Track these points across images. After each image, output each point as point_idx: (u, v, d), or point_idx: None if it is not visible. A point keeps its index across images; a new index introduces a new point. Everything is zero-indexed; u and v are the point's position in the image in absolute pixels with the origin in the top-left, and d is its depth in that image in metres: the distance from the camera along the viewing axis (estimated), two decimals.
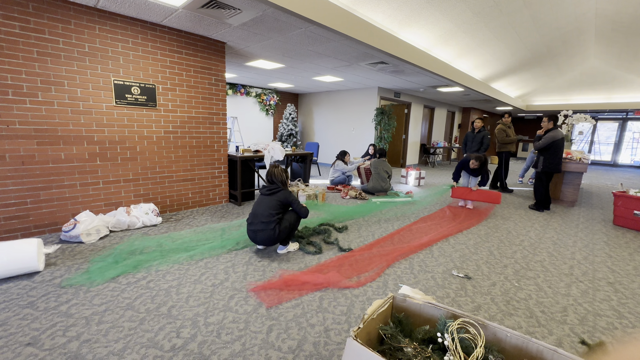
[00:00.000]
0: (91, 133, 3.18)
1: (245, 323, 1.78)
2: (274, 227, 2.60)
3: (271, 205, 2.66)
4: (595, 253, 3.05)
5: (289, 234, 2.74)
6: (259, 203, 2.72)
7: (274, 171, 2.83)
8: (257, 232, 2.62)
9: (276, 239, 2.64)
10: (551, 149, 4.45)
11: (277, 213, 2.65)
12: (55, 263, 2.44)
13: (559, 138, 4.43)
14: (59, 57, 2.90)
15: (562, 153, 4.50)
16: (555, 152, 4.45)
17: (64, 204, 3.09)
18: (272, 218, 2.61)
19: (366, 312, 1.23)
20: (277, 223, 2.63)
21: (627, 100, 10.28)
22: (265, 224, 2.60)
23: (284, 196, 2.73)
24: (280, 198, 2.71)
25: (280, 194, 2.73)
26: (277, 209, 2.67)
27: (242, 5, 2.88)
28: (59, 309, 1.85)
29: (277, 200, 2.69)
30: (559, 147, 4.43)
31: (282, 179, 2.82)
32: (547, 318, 1.93)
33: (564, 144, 4.54)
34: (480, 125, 5.65)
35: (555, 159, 4.45)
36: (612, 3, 5.02)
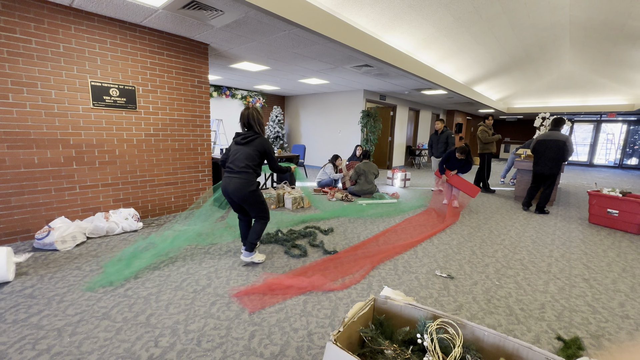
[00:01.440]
0: (67, 136, 3.06)
1: (226, 329, 1.74)
2: (249, 178, 2.37)
3: (248, 155, 2.38)
4: (571, 251, 3.15)
5: (258, 235, 2.52)
6: (234, 153, 2.43)
7: (251, 113, 2.41)
8: (231, 179, 2.37)
9: (248, 195, 2.36)
10: (537, 151, 4.51)
11: (255, 165, 2.40)
12: (27, 272, 2.33)
13: (539, 140, 4.50)
14: (32, 58, 2.79)
15: (546, 154, 4.38)
16: (538, 154, 4.51)
17: (37, 210, 2.96)
18: (249, 169, 2.37)
19: (347, 316, 1.23)
20: (254, 175, 2.41)
21: (601, 103, 10.75)
22: (239, 172, 2.36)
23: (262, 145, 2.41)
24: (259, 147, 2.40)
25: (257, 141, 2.40)
26: (254, 160, 2.40)
27: (224, 6, 2.85)
28: (29, 321, 1.76)
29: (254, 150, 2.39)
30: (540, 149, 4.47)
31: (261, 123, 2.47)
32: (525, 315, 1.98)
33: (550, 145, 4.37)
34: (441, 126, 5.93)
35: (538, 160, 4.49)
36: (585, 10, 5.24)
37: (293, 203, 4.41)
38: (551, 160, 4.35)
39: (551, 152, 4.34)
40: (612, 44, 6.39)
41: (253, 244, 2.53)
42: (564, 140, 4.31)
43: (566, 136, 4.38)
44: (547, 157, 4.38)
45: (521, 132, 15.88)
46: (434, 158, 6.17)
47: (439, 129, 5.95)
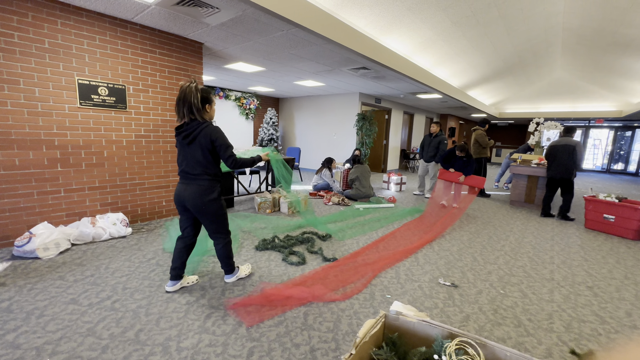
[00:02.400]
0: (51, 137, 2.89)
1: (223, 346, 1.62)
2: (208, 185, 1.96)
3: (198, 158, 1.91)
4: (572, 257, 3.12)
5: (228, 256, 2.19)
6: (183, 155, 1.96)
7: (187, 95, 1.82)
8: (187, 186, 1.96)
9: (206, 204, 1.95)
10: (549, 155, 4.59)
11: (212, 168, 1.96)
12: (4, 283, 2.16)
13: (552, 145, 4.58)
14: (14, 53, 2.62)
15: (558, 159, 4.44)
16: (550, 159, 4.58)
17: (17, 215, 2.78)
18: (205, 176, 1.95)
19: (358, 335, 1.13)
20: (215, 182, 2.00)
21: (590, 110, 10.98)
22: (195, 179, 1.94)
23: (207, 137, 1.88)
24: (206, 143, 1.88)
25: (201, 136, 1.87)
26: (208, 161, 1.93)
27: (221, 3, 2.74)
28: (4, 339, 1.61)
29: (203, 148, 1.89)
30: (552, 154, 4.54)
31: (198, 106, 1.85)
32: (534, 326, 1.92)
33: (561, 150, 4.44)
34: (436, 129, 5.66)
35: (550, 165, 4.55)
36: (578, 17, 5.31)
37: (289, 207, 4.30)
38: (562, 165, 4.41)
39: (562, 157, 4.41)
40: (602, 51, 6.50)
41: (230, 265, 2.22)
42: (574, 145, 4.39)
43: (576, 141, 4.46)
44: (559, 162, 4.44)
45: (512, 136, 16.12)
46: (422, 161, 5.91)
47: (434, 132, 5.72)
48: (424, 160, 5.85)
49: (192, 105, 1.84)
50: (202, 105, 1.90)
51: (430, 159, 5.71)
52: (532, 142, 6.23)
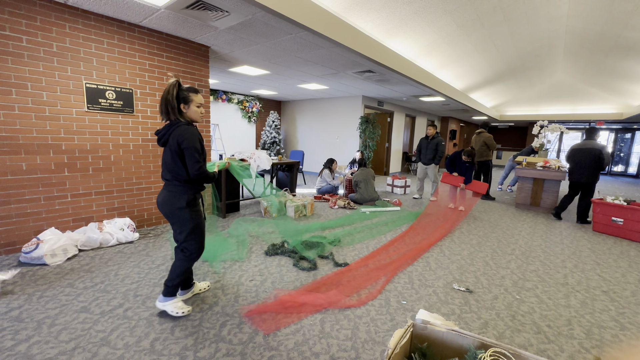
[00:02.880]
0: (58, 141, 2.86)
1: (241, 356, 1.58)
2: (177, 190, 1.80)
3: (167, 162, 1.79)
4: (583, 261, 3.10)
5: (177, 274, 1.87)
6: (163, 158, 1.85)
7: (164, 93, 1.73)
8: (162, 191, 1.86)
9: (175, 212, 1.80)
10: (571, 159, 4.54)
11: (180, 173, 1.78)
12: (13, 291, 2.12)
13: (574, 149, 4.52)
14: (22, 57, 2.59)
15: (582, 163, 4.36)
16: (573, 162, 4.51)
17: (24, 221, 2.73)
18: (175, 181, 1.80)
19: (389, 346, 1.10)
20: (185, 188, 1.81)
21: (590, 112, 11.02)
22: (167, 184, 1.83)
23: (175, 140, 1.72)
24: (173, 146, 1.73)
25: (171, 137, 1.73)
26: (176, 165, 1.76)
27: (231, 7, 2.72)
28: (16, 349, 1.57)
29: (172, 151, 1.74)
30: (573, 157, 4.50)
31: (173, 104, 1.73)
32: (554, 333, 1.89)
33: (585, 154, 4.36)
34: (433, 132, 5.59)
35: (574, 169, 4.47)
36: (582, 21, 5.33)
37: (295, 211, 4.27)
38: (587, 169, 4.31)
39: (587, 161, 4.32)
40: (604, 54, 6.52)
41: (168, 286, 1.87)
42: (600, 149, 4.29)
43: (602, 145, 4.38)
44: (583, 166, 4.34)
45: (513, 139, 16.16)
46: (421, 164, 5.83)
47: (431, 134, 5.61)
48: (423, 163, 5.78)
49: (167, 103, 1.73)
50: (177, 104, 1.75)
51: (429, 161, 5.63)
52: (536, 144, 6.23)
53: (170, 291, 1.89)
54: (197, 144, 1.76)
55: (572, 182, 4.56)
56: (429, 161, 5.62)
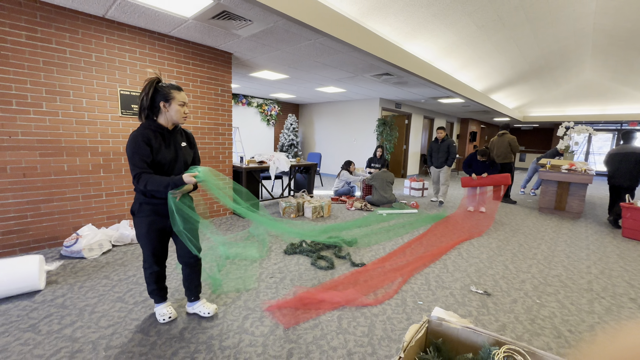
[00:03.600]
0: (95, 144, 3.10)
1: (263, 347, 1.68)
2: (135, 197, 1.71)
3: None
4: (610, 267, 3.00)
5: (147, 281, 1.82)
6: None
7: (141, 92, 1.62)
8: None
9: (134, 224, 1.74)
10: (610, 163, 4.56)
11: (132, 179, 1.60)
12: (57, 281, 2.32)
13: (613, 153, 4.54)
14: (65, 67, 2.84)
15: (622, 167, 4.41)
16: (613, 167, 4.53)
17: (65, 218, 2.98)
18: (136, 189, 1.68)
19: (404, 339, 1.15)
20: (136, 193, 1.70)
21: (622, 112, 10.47)
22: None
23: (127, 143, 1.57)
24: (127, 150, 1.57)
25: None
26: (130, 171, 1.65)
27: (254, 16, 2.86)
28: (63, 333, 1.74)
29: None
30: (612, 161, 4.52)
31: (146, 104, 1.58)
32: (575, 338, 1.86)
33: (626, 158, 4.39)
34: (443, 135, 5.43)
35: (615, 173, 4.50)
36: (610, 18, 5.13)
37: (313, 212, 4.36)
38: (629, 172, 4.39)
39: (628, 165, 4.37)
40: (637, 51, 6.22)
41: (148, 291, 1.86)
42: (639, 152, 4.34)
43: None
44: (625, 170, 4.41)
45: (537, 140, 15.56)
46: (434, 168, 5.65)
47: (441, 137, 5.44)
48: (435, 167, 5.62)
49: (140, 103, 1.58)
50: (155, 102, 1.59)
51: (442, 164, 5.49)
52: (561, 146, 6.02)
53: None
54: (133, 150, 1.52)
55: (612, 186, 4.63)
56: (442, 164, 5.50)
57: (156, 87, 1.60)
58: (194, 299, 1.93)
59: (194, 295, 1.92)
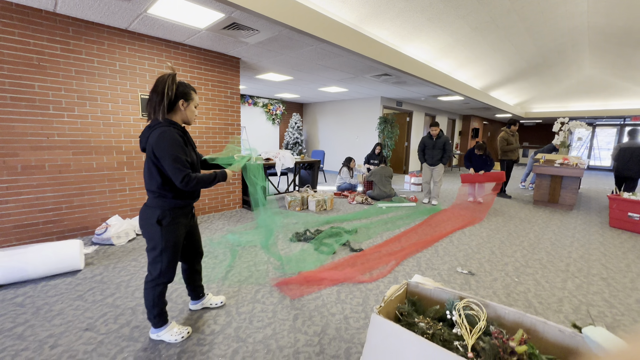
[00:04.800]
0: (120, 143, 3.44)
1: (272, 312, 1.99)
2: (151, 204, 1.55)
3: (145, 170, 1.54)
4: (590, 252, 3.25)
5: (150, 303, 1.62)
6: None
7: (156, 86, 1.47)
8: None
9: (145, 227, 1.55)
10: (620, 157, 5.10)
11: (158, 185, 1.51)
12: (93, 262, 2.67)
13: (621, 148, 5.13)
14: (94, 75, 3.18)
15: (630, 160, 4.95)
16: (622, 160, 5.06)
17: (94, 210, 3.33)
18: (152, 194, 1.55)
19: (385, 295, 1.45)
20: (157, 202, 1.54)
21: (624, 107, 10.54)
22: (147, 194, 1.58)
23: (150, 146, 1.47)
24: (149, 151, 1.48)
25: (148, 143, 1.48)
26: (152, 176, 1.51)
27: (260, 27, 3.16)
28: (106, 302, 2.07)
29: (147, 158, 1.51)
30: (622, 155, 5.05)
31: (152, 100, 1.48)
32: (544, 308, 2.14)
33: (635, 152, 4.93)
34: (437, 131, 5.27)
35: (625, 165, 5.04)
36: (603, 16, 5.30)
37: (317, 205, 4.66)
38: (636, 164, 4.93)
39: (634, 158, 4.95)
40: (632, 49, 6.37)
41: (151, 318, 1.66)
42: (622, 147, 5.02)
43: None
44: (633, 162, 4.96)
45: (540, 136, 15.63)
46: (427, 165, 5.46)
47: (435, 134, 5.26)
48: (429, 165, 5.42)
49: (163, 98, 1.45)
50: (175, 100, 1.51)
51: (438, 161, 5.34)
52: (557, 142, 6.21)
53: (155, 322, 1.66)
54: (176, 150, 1.45)
55: (618, 177, 5.18)
56: (438, 161, 5.34)
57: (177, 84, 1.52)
58: (202, 295, 1.98)
59: (202, 292, 1.98)
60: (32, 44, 2.80)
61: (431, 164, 5.40)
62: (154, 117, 1.49)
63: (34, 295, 2.14)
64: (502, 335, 1.22)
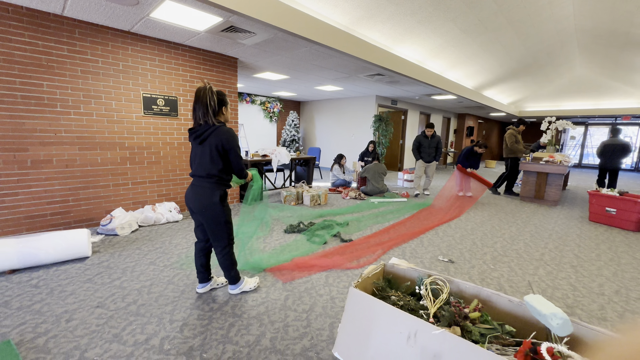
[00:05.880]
0: (123, 140, 3.62)
1: (266, 293, 2.19)
2: (213, 187, 1.90)
3: (206, 159, 1.87)
4: (565, 243, 3.46)
5: (230, 267, 2.07)
6: (194, 157, 1.95)
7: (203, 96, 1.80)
8: (193, 187, 1.94)
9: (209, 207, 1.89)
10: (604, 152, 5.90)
11: (219, 171, 1.89)
12: (99, 251, 2.86)
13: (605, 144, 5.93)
14: (98, 75, 3.36)
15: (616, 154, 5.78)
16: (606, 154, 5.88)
17: (98, 202, 3.51)
18: (211, 179, 1.89)
19: (363, 273, 1.65)
20: (217, 185, 1.91)
21: (615, 107, 10.77)
22: (201, 181, 1.91)
23: (220, 139, 1.83)
24: (217, 144, 1.83)
25: (213, 136, 1.82)
26: (216, 163, 1.87)
27: (257, 30, 3.34)
28: (113, 284, 2.27)
29: (213, 149, 1.84)
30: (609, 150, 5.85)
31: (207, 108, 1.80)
32: (513, 290, 2.35)
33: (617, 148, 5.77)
34: (432, 132, 5.83)
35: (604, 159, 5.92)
36: (588, 19, 5.50)
37: (311, 200, 4.86)
38: (618, 158, 5.80)
39: (618, 152, 5.78)
40: (619, 50, 6.58)
41: (232, 277, 2.12)
42: (627, 143, 5.85)
43: (627, 141, 6.02)
44: (615, 156, 5.79)
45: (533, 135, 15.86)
46: (422, 162, 5.99)
47: (430, 134, 5.84)
48: (425, 161, 5.96)
49: (209, 107, 1.80)
50: (219, 108, 1.89)
51: (432, 159, 5.91)
52: (544, 140, 6.43)
53: (233, 280, 2.12)
54: (238, 146, 1.94)
55: (603, 170, 6.03)
56: (432, 159, 5.92)
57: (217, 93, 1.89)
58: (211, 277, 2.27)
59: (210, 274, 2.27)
60: (40, 46, 2.98)
61: (428, 160, 6.00)
62: (203, 121, 1.85)
63: (47, 278, 2.33)
64: (459, 304, 1.43)
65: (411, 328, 1.26)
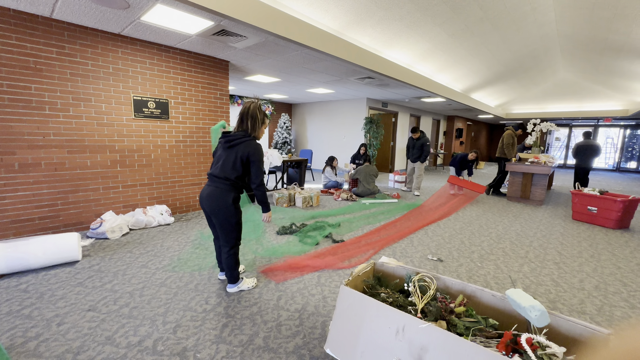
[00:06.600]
0: (113, 143, 3.60)
1: (259, 294, 2.22)
2: (226, 189, 2.02)
3: (228, 164, 2.02)
4: (549, 241, 3.59)
5: (233, 266, 2.16)
6: (217, 159, 2.10)
7: (248, 108, 2.05)
8: (208, 187, 2.06)
9: (222, 208, 2.01)
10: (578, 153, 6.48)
11: (236, 177, 2.03)
12: (90, 254, 2.84)
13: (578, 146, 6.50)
14: (88, 77, 3.33)
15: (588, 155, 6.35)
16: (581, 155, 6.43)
17: (88, 206, 3.48)
18: (227, 182, 2.02)
19: (354, 271, 1.70)
20: (232, 188, 2.04)
21: (597, 109, 11.15)
22: (216, 182, 2.04)
23: (246, 150, 2.00)
24: (242, 153, 2.00)
25: (242, 146, 2.01)
26: (236, 169, 2.02)
27: (248, 33, 3.38)
28: (105, 287, 2.26)
29: (237, 157, 2.01)
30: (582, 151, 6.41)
31: (255, 121, 2.05)
32: (498, 287, 2.43)
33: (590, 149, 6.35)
34: (417, 135, 6.36)
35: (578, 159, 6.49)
36: (570, 25, 5.71)
37: (303, 202, 4.89)
38: (590, 158, 6.37)
39: (590, 153, 6.34)
40: (598, 54, 6.83)
41: (233, 276, 2.21)
42: (599, 145, 6.40)
43: (598, 143, 6.53)
44: (587, 157, 6.36)
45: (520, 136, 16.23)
46: (410, 162, 6.64)
47: (415, 137, 6.40)
48: (411, 161, 6.56)
49: (257, 121, 2.06)
50: (261, 124, 2.11)
51: (417, 159, 6.40)
52: (529, 141, 6.62)
53: (233, 279, 2.21)
54: (263, 161, 2.09)
55: (578, 169, 6.54)
56: (416, 159, 6.39)
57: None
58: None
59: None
60: (29, 48, 2.95)
61: (413, 160, 6.50)
62: (243, 130, 2.07)
63: (36, 282, 2.31)
64: (445, 300, 1.49)
65: (399, 323, 1.31)
